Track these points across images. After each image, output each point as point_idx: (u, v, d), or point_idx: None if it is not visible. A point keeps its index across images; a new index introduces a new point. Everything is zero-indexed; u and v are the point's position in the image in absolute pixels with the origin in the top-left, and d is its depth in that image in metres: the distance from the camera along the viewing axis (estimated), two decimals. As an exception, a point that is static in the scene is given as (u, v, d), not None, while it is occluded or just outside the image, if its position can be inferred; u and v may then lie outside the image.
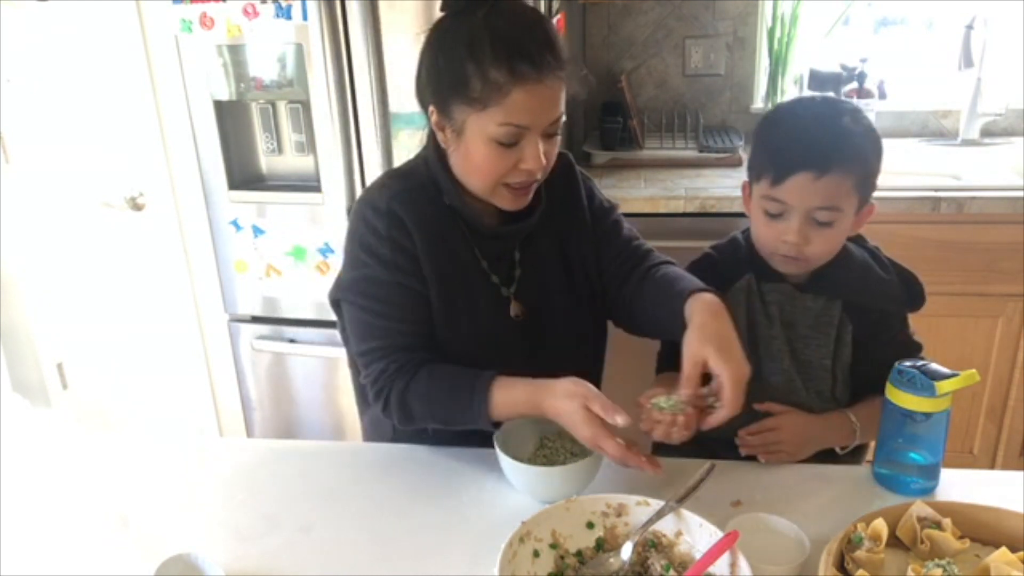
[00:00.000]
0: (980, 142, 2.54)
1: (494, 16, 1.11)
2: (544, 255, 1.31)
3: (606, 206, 1.38)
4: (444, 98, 1.15)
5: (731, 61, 2.69)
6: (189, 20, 2.01)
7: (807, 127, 1.18)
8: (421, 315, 1.23)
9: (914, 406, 1.08)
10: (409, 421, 1.23)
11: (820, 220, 1.17)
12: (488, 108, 1.11)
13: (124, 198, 2.45)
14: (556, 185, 1.30)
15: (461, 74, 1.11)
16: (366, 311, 1.24)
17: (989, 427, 2.33)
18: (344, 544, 1.10)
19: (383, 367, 1.22)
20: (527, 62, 1.09)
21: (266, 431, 2.44)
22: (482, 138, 1.13)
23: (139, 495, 1.23)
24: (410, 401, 1.20)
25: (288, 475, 1.26)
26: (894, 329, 1.28)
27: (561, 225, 1.32)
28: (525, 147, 1.14)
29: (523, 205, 1.23)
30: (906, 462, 1.13)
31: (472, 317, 1.25)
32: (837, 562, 0.94)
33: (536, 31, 1.12)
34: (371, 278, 1.22)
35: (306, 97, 2.03)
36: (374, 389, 1.24)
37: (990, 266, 2.16)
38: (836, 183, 1.14)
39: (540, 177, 1.20)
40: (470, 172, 1.19)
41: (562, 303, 1.32)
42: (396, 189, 1.23)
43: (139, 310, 2.62)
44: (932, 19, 2.76)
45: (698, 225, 2.19)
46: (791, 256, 1.20)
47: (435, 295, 1.23)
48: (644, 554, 1.00)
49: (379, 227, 1.21)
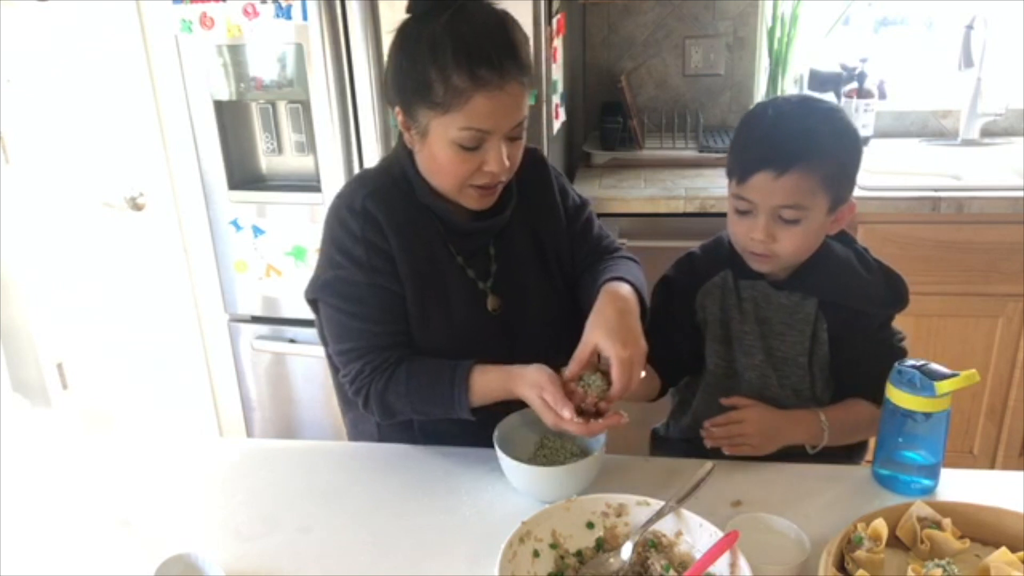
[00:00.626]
0: (980, 142, 2.53)
1: (458, 20, 1.11)
2: (519, 248, 1.32)
3: (578, 203, 1.40)
4: (408, 100, 1.16)
5: (731, 61, 2.69)
6: (189, 20, 2.01)
7: (772, 126, 1.19)
8: (396, 315, 1.25)
9: (914, 406, 1.08)
10: (390, 416, 1.26)
11: (786, 218, 1.17)
12: (450, 112, 1.11)
13: (124, 198, 2.45)
14: (528, 180, 1.31)
15: (424, 78, 1.11)
16: (342, 312, 1.25)
17: (989, 427, 2.33)
18: (344, 544, 1.10)
19: (359, 368, 1.24)
20: (488, 68, 1.09)
21: (266, 431, 2.44)
22: (445, 141, 1.14)
23: (139, 495, 1.23)
24: (389, 398, 1.23)
25: (288, 475, 1.27)
26: (869, 329, 1.28)
27: (535, 218, 1.33)
28: (488, 150, 1.15)
29: (489, 204, 1.24)
30: (906, 462, 1.13)
31: (449, 312, 1.26)
32: (837, 562, 0.95)
33: (499, 36, 1.12)
34: (346, 279, 1.23)
35: (306, 97, 2.03)
36: (352, 388, 1.26)
37: (990, 266, 2.16)
38: (796, 182, 1.15)
39: (504, 178, 1.21)
40: (435, 173, 1.21)
41: (538, 295, 1.33)
42: (370, 187, 1.24)
43: (139, 310, 2.62)
44: (932, 19, 2.76)
45: (698, 225, 2.19)
46: (760, 253, 1.22)
47: (411, 292, 1.24)
48: (644, 554, 1.00)
49: (354, 227, 1.21)
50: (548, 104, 2.05)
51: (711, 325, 1.31)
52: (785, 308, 1.27)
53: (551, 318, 1.34)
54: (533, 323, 1.32)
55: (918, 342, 2.21)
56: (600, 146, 2.56)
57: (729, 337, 1.30)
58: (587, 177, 2.45)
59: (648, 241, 2.26)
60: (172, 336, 2.62)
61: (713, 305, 1.31)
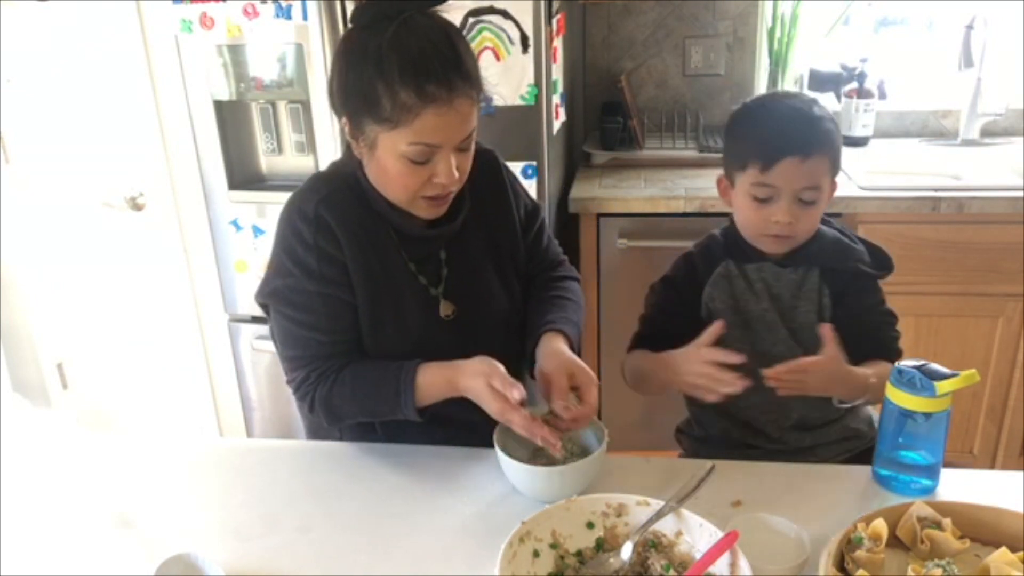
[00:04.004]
0: (980, 142, 2.54)
1: (404, 33, 1.09)
2: (472, 253, 1.32)
3: (530, 208, 1.41)
4: (355, 113, 1.15)
5: (731, 61, 2.69)
6: (189, 20, 2.01)
7: (790, 117, 1.28)
8: (345, 324, 1.25)
9: (914, 406, 1.08)
10: (337, 420, 1.27)
11: (805, 199, 1.26)
12: (399, 127, 1.11)
13: (124, 198, 2.45)
14: (481, 184, 1.31)
15: (371, 93, 1.10)
16: (289, 320, 1.25)
17: (989, 427, 2.33)
18: (343, 544, 1.10)
19: (304, 375, 1.25)
20: (436, 83, 1.08)
21: (266, 431, 2.44)
22: (394, 155, 1.14)
23: (139, 495, 1.23)
24: (335, 401, 1.23)
25: (288, 475, 1.27)
26: (865, 290, 1.33)
27: (489, 221, 1.33)
28: (438, 163, 1.15)
29: (440, 213, 1.24)
30: (906, 462, 1.13)
31: (401, 318, 1.26)
32: (837, 562, 0.95)
33: (445, 50, 1.10)
34: (295, 288, 1.23)
35: (306, 97, 2.03)
36: (297, 395, 1.27)
37: (990, 266, 2.16)
38: (817, 164, 1.25)
39: (454, 189, 1.20)
40: (385, 184, 1.21)
41: (492, 300, 1.33)
42: (324, 192, 1.23)
43: (139, 310, 2.62)
44: (932, 19, 2.76)
45: (698, 225, 2.18)
46: (783, 236, 1.29)
47: (364, 299, 1.24)
48: (644, 554, 1.00)
49: (306, 235, 1.21)
50: (548, 104, 2.05)
51: (723, 314, 1.33)
52: (793, 282, 1.33)
53: (506, 322, 1.34)
54: (487, 328, 1.32)
55: (918, 342, 2.21)
56: (600, 146, 2.56)
57: (747, 320, 1.34)
58: (587, 177, 2.45)
59: (648, 241, 2.26)
60: (172, 336, 2.62)
61: (723, 294, 1.35)
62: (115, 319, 2.61)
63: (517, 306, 1.36)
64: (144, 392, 2.69)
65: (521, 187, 1.41)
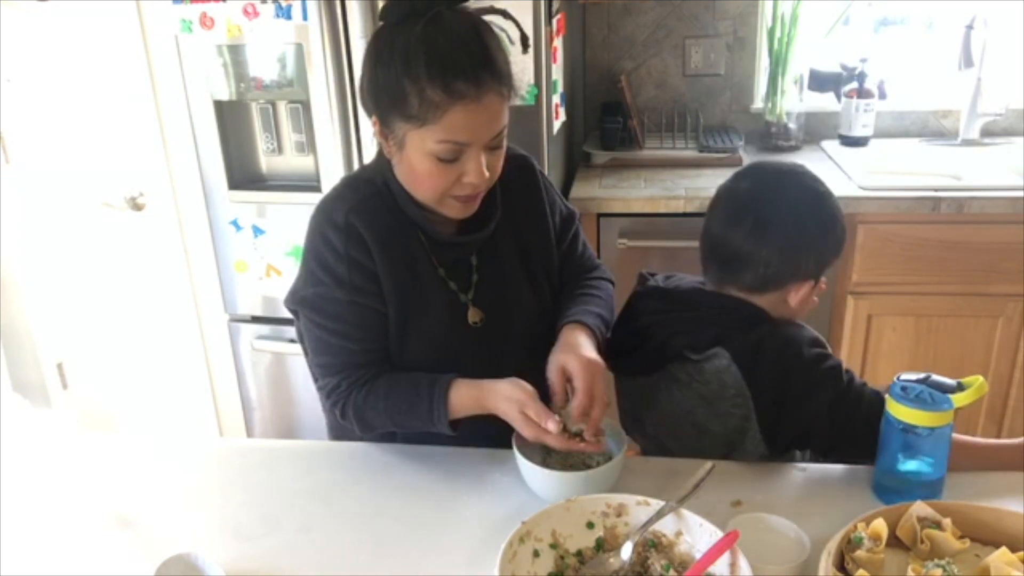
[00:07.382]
0: (980, 142, 2.53)
1: (432, 30, 1.08)
2: (504, 260, 1.31)
3: (566, 214, 1.40)
4: (384, 111, 1.14)
5: (731, 61, 2.69)
6: (189, 20, 2.01)
7: None
8: (376, 332, 1.24)
9: (918, 420, 1.04)
10: (369, 430, 1.26)
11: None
12: (427, 125, 1.09)
13: (124, 198, 2.45)
14: (515, 189, 1.30)
15: (399, 91, 1.09)
16: (319, 327, 1.24)
17: (989, 427, 2.33)
18: (344, 544, 1.10)
19: (336, 383, 1.24)
20: (464, 80, 1.07)
21: (266, 431, 2.44)
22: (422, 153, 1.13)
23: (139, 495, 1.23)
24: (368, 413, 1.23)
25: (288, 475, 1.26)
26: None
27: (522, 229, 1.32)
28: (467, 161, 1.13)
29: (471, 213, 1.22)
30: (909, 477, 1.09)
31: (430, 324, 1.25)
32: (837, 562, 0.94)
33: (474, 46, 1.09)
34: (326, 296, 1.22)
35: (306, 97, 2.03)
36: (329, 401, 1.26)
37: (990, 266, 2.16)
38: None
39: (484, 188, 1.19)
40: (414, 184, 1.19)
41: (522, 307, 1.32)
42: (354, 200, 1.22)
43: (139, 310, 2.62)
44: (932, 19, 2.76)
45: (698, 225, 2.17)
46: None
47: (393, 305, 1.23)
48: (644, 554, 1.00)
49: (337, 245, 1.20)
50: (548, 104, 2.05)
51: None
52: None
53: (535, 330, 1.32)
54: (516, 336, 1.30)
55: (918, 342, 2.21)
56: (600, 146, 2.56)
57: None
58: (587, 177, 2.45)
59: (648, 241, 2.26)
60: (172, 336, 2.62)
61: None
62: (115, 319, 2.61)
63: (547, 315, 1.34)
64: (144, 392, 2.69)
65: (557, 193, 1.39)
